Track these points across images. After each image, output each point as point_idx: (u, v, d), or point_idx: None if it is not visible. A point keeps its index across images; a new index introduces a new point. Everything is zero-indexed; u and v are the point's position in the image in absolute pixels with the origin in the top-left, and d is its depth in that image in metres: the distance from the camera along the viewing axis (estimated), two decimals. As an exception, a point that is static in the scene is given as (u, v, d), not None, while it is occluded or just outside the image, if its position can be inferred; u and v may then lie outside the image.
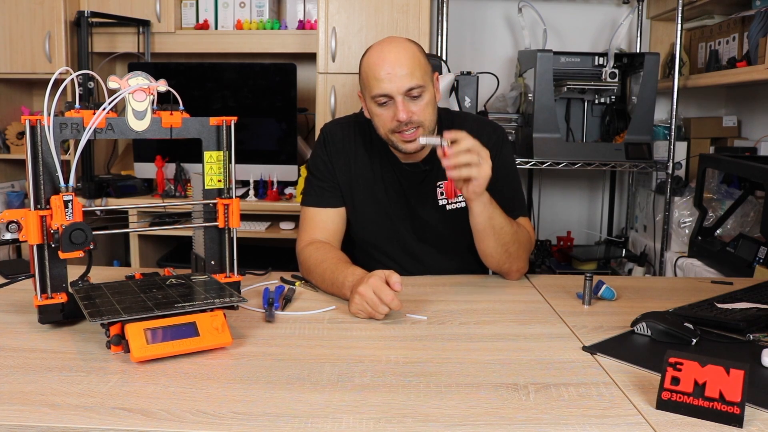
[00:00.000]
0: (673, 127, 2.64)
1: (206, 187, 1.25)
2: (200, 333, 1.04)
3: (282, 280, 1.49)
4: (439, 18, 2.68)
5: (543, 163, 2.58)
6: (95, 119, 1.10)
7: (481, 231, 1.41)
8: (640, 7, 3.01)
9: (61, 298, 1.13)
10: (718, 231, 2.25)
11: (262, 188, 2.76)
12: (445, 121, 1.55)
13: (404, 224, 1.57)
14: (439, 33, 2.84)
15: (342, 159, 1.56)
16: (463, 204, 1.55)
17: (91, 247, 1.07)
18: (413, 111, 1.40)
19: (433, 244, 1.58)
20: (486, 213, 1.37)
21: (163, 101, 1.17)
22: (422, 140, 1.31)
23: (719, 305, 1.28)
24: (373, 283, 1.20)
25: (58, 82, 1.07)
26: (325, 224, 1.53)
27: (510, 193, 1.55)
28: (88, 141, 1.10)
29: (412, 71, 1.38)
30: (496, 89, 2.79)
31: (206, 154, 1.23)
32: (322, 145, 1.58)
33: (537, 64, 2.52)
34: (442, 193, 1.55)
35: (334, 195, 1.55)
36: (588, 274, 1.35)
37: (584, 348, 1.10)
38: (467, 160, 1.26)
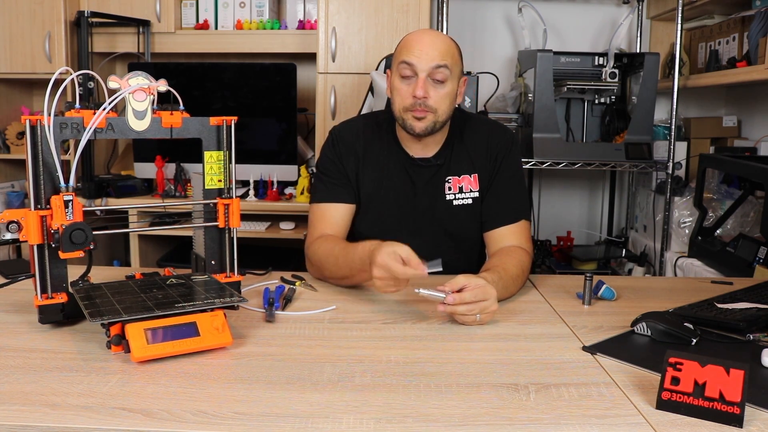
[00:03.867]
0: (673, 127, 2.64)
1: (206, 187, 1.25)
2: (200, 333, 1.04)
3: (282, 280, 1.49)
4: (439, 18, 2.68)
5: (543, 163, 2.58)
6: (95, 119, 1.10)
7: None
8: (640, 7, 3.01)
9: (61, 298, 1.13)
10: (718, 231, 2.25)
11: (262, 188, 2.76)
12: (459, 121, 1.57)
13: (410, 221, 1.58)
14: (439, 33, 2.84)
15: (351, 158, 1.57)
16: (470, 201, 1.56)
17: (92, 247, 1.07)
18: (431, 94, 1.43)
19: (438, 240, 1.59)
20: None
21: (163, 101, 1.17)
22: (423, 292, 1.19)
23: (719, 305, 1.28)
24: (384, 259, 1.21)
25: (58, 82, 1.07)
26: (334, 219, 1.55)
27: (514, 196, 1.56)
28: (88, 141, 1.10)
29: (444, 55, 1.43)
30: (496, 89, 2.79)
31: (206, 154, 1.23)
32: (330, 146, 1.60)
33: (537, 64, 2.52)
34: (450, 188, 1.56)
35: (344, 191, 1.56)
36: (588, 274, 1.35)
37: (584, 348, 1.10)
38: (464, 311, 1.19)
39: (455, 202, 1.56)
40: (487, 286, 1.20)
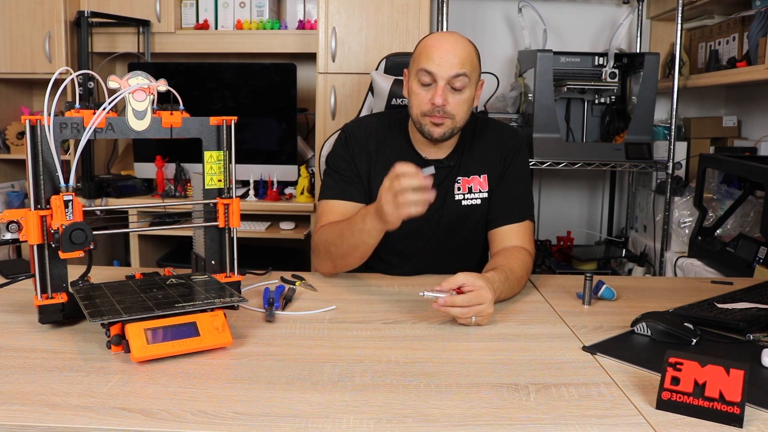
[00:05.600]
0: (673, 127, 2.64)
1: (206, 187, 1.25)
2: (201, 333, 1.04)
3: (282, 279, 1.49)
4: (439, 18, 2.68)
5: (543, 163, 2.58)
6: (95, 119, 1.10)
7: None
8: (640, 7, 3.01)
9: (61, 298, 1.13)
10: (718, 231, 2.25)
11: (262, 188, 2.76)
12: (470, 123, 1.57)
13: (419, 221, 1.57)
14: (439, 33, 2.85)
15: (364, 156, 1.57)
16: (479, 201, 1.57)
17: (91, 247, 1.07)
18: (450, 101, 1.44)
19: (445, 239, 1.59)
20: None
21: (163, 101, 1.17)
22: (428, 295, 1.17)
23: (719, 305, 1.28)
24: (388, 183, 1.24)
25: (58, 82, 1.07)
26: (343, 215, 1.54)
27: (520, 196, 1.57)
28: (88, 141, 1.10)
29: (463, 62, 1.42)
30: (496, 89, 2.79)
31: (206, 154, 1.23)
32: (343, 143, 1.60)
33: (537, 64, 2.52)
34: (459, 189, 1.56)
35: (355, 189, 1.56)
36: (588, 274, 1.35)
37: (584, 348, 1.10)
38: (457, 314, 1.18)
39: (464, 202, 1.57)
40: (483, 289, 1.18)
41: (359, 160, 1.57)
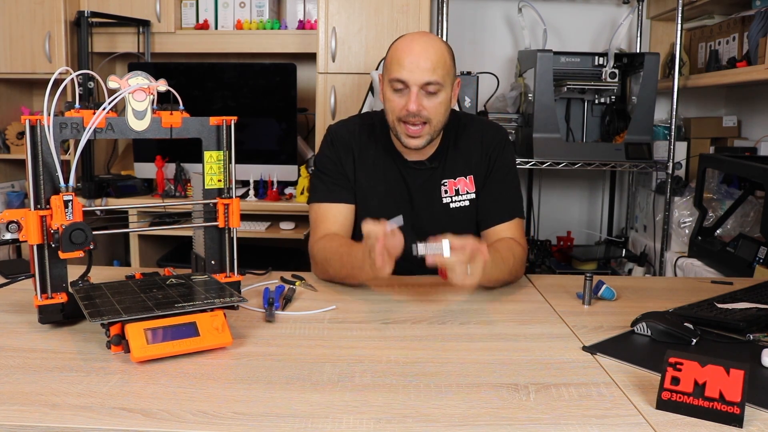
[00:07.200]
0: (673, 127, 2.64)
1: (206, 187, 1.25)
2: (200, 333, 1.04)
3: (282, 279, 1.49)
4: (439, 18, 2.68)
5: (543, 163, 2.58)
6: (95, 119, 1.10)
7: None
8: (640, 7, 3.01)
9: (61, 298, 1.13)
10: (718, 231, 2.25)
11: (262, 188, 2.76)
12: (453, 123, 1.57)
13: (407, 224, 1.57)
14: (439, 33, 2.84)
15: (349, 157, 1.57)
16: (467, 202, 1.56)
17: (91, 247, 1.07)
18: (425, 106, 1.42)
19: None
20: (480, 279, 1.30)
21: (163, 101, 1.17)
22: (421, 250, 1.19)
23: (719, 305, 1.28)
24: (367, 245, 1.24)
25: (58, 82, 1.07)
26: (336, 219, 1.55)
27: (508, 194, 1.57)
28: (88, 141, 1.10)
29: (435, 67, 1.40)
30: (496, 89, 2.79)
31: (206, 154, 1.23)
32: (329, 144, 1.60)
33: (537, 64, 2.52)
34: (446, 191, 1.56)
35: (344, 190, 1.56)
36: (588, 274, 1.35)
37: (584, 348, 1.10)
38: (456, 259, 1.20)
39: (452, 205, 1.57)
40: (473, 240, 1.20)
41: (345, 161, 1.57)
